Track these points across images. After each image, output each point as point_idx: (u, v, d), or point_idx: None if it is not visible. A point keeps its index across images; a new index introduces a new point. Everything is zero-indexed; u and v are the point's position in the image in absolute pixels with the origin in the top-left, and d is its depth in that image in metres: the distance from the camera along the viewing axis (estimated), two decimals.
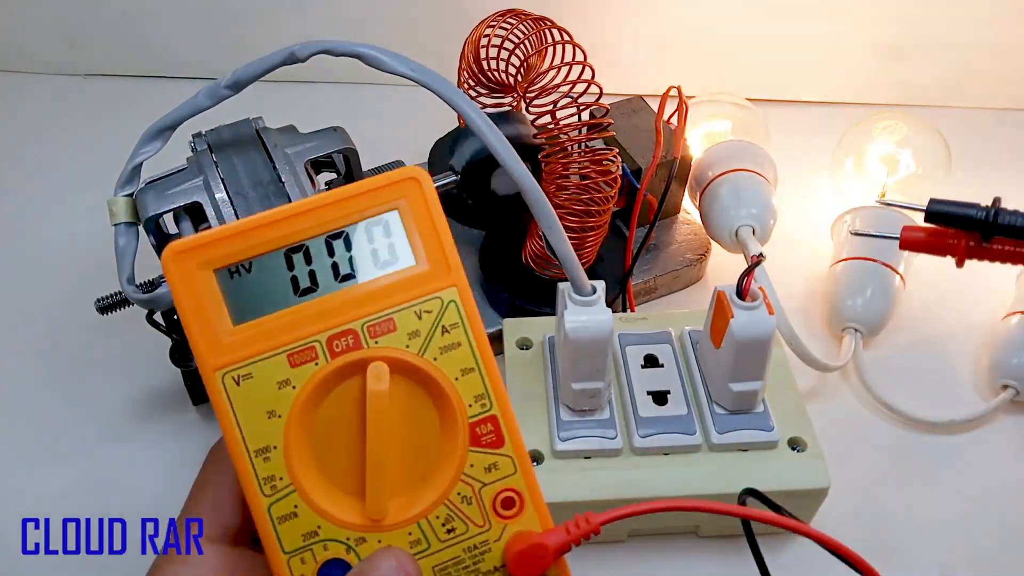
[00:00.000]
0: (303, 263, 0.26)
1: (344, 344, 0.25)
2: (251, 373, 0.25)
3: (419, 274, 0.26)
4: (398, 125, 0.61)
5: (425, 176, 0.26)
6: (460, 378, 0.26)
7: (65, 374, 0.50)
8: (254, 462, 0.25)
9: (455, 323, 0.26)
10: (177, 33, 0.68)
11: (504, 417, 0.26)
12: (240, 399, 0.25)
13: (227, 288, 0.25)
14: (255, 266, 0.25)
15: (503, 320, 0.47)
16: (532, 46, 0.45)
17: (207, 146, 0.39)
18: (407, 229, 0.26)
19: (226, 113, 0.39)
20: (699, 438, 0.40)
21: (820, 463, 0.40)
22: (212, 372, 0.25)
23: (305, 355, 0.25)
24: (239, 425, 0.25)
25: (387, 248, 0.26)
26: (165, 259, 0.25)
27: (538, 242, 0.48)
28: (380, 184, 0.26)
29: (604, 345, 0.38)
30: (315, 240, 0.26)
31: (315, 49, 0.36)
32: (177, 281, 0.25)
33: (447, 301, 0.26)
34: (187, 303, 0.25)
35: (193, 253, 0.25)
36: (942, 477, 0.45)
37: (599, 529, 0.26)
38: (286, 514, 0.25)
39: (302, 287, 0.26)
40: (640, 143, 0.53)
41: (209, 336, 0.25)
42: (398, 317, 0.26)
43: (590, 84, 0.43)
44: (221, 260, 0.25)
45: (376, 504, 0.25)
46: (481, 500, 0.26)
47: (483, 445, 0.26)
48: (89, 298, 0.42)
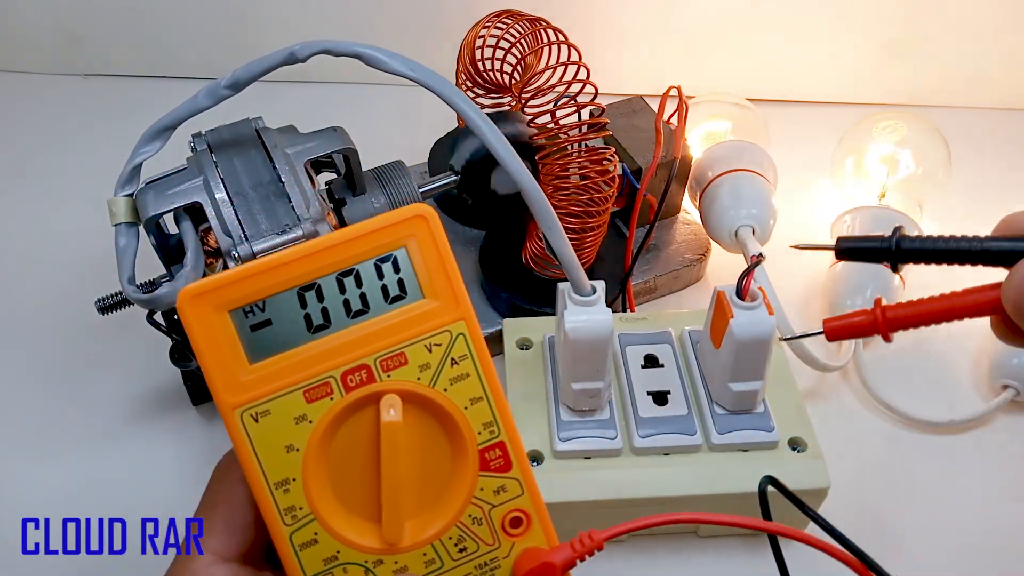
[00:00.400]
0: (316, 301, 0.26)
1: (358, 379, 0.26)
2: (269, 410, 0.26)
3: (428, 309, 0.27)
4: (398, 125, 0.61)
5: (432, 214, 0.27)
6: (469, 407, 0.27)
7: (65, 374, 0.50)
8: (274, 494, 0.26)
9: (464, 355, 0.27)
10: (177, 33, 0.68)
11: (511, 442, 0.28)
12: (259, 435, 0.26)
13: (242, 328, 0.26)
14: (269, 306, 0.26)
15: (503, 320, 0.47)
16: (528, 46, 0.45)
17: (207, 146, 0.39)
18: (415, 265, 0.27)
19: (226, 113, 0.39)
20: (699, 438, 0.40)
21: (820, 463, 0.40)
22: (231, 410, 0.26)
23: (321, 390, 0.26)
24: (259, 460, 0.26)
25: (397, 284, 0.27)
26: (181, 302, 0.25)
27: (538, 242, 0.48)
28: (389, 223, 0.26)
29: (604, 345, 0.38)
30: (327, 278, 0.26)
31: (315, 49, 0.36)
32: (193, 323, 0.25)
33: (456, 334, 0.27)
34: (204, 344, 0.25)
35: (208, 296, 0.25)
36: (942, 477, 0.45)
37: (603, 545, 0.27)
38: (307, 541, 0.26)
39: (315, 324, 0.26)
40: (640, 143, 0.53)
41: (226, 376, 0.26)
42: (409, 351, 0.27)
43: (585, 84, 0.43)
44: (236, 301, 0.26)
45: (392, 529, 0.27)
46: (491, 520, 0.28)
47: (492, 470, 0.28)
48: (89, 298, 0.42)
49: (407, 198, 0.44)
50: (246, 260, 0.37)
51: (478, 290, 0.51)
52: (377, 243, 0.26)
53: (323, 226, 0.38)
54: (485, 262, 0.51)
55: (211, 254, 0.38)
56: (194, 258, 0.37)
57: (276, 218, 0.37)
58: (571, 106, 0.43)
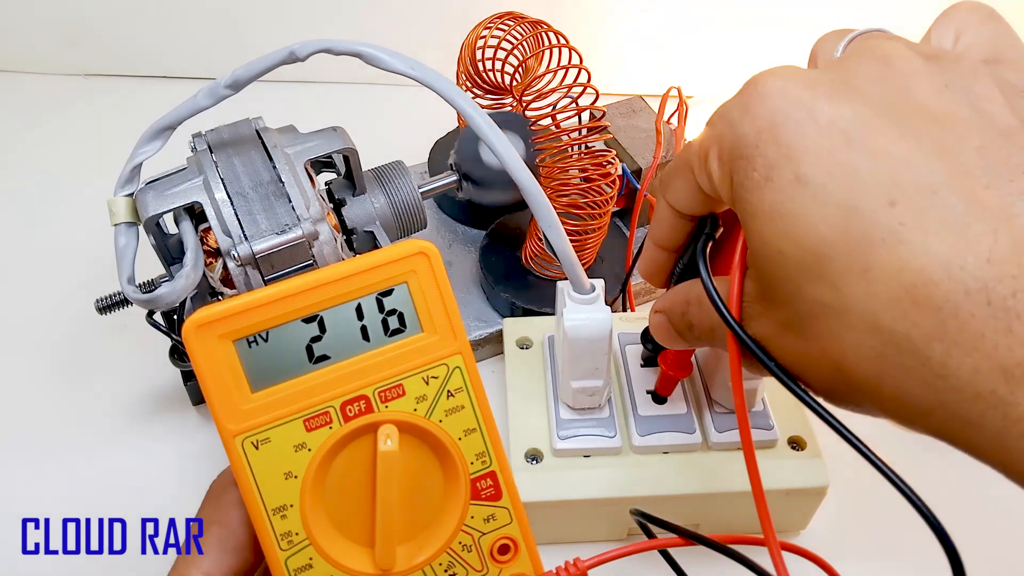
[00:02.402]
0: (318, 332, 0.27)
1: (357, 408, 0.27)
2: (269, 438, 0.26)
3: (427, 343, 0.27)
4: (398, 125, 0.61)
5: (433, 250, 0.27)
6: (463, 438, 0.28)
7: (65, 374, 0.50)
8: (272, 519, 0.27)
9: (459, 387, 0.28)
10: (177, 33, 0.68)
11: (502, 472, 0.28)
12: (259, 462, 0.26)
13: (246, 358, 0.26)
14: (272, 336, 0.26)
15: (503, 320, 0.47)
16: (529, 49, 0.45)
17: (207, 146, 0.39)
18: (415, 300, 0.27)
19: (226, 113, 0.39)
20: (698, 437, 0.40)
21: (820, 462, 0.40)
22: (232, 438, 0.26)
23: (320, 420, 0.27)
24: (257, 486, 0.26)
25: (397, 318, 0.27)
26: (186, 332, 0.26)
27: (538, 242, 0.48)
28: (392, 259, 0.27)
29: (603, 343, 0.38)
30: (329, 311, 0.27)
31: (315, 48, 0.36)
32: (198, 352, 0.26)
33: (452, 367, 0.28)
34: (208, 373, 0.26)
35: (213, 326, 0.26)
36: (942, 477, 0.45)
37: (587, 573, 0.28)
38: (302, 566, 0.27)
39: (317, 355, 0.27)
40: (640, 143, 0.53)
41: (228, 404, 0.26)
42: (407, 383, 0.27)
43: (586, 87, 0.43)
44: (240, 332, 0.26)
45: (386, 554, 0.27)
46: (480, 548, 0.29)
47: (483, 498, 0.28)
48: (89, 298, 0.42)
49: (407, 198, 0.44)
50: (246, 260, 0.37)
51: (478, 290, 0.51)
52: (380, 278, 0.27)
53: (323, 226, 0.38)
54: (485, 262, 0.51)
55: (211, 254, 0.38)
56: (194, 258, 0.37)
57: (276, 218, 0.37)
58: (572, 109, 0.43)
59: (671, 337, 0.31)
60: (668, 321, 0.31)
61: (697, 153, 0.26)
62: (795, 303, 0.23)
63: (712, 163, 0.25)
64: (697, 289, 0.28)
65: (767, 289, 0.24)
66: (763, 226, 0.23)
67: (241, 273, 0.37)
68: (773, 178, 0.22)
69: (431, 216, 0.55)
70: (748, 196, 0.23)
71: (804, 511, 0.41)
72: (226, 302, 0.26)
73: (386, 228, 0.44)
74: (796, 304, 0.23)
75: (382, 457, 0.27)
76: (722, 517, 0.41)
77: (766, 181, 0.22)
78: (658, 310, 0.31)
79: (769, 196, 0.22)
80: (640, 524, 0.32)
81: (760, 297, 0.25)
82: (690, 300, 0.29)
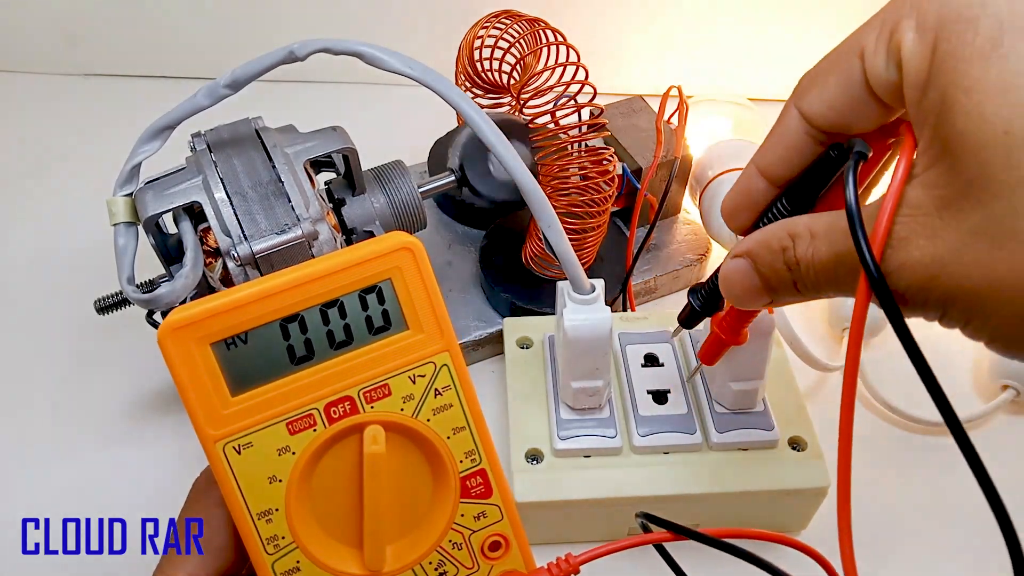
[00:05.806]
0: (299, 332, 0.26)
1: (341, 410, 0.26)
2: (251, 442, 0.26)
3: (413, 340, 0.27)
4: (398, 125, 0.61)
5: (418, 245, 0.26)
6: (452, 436, 0.27)
7: (65, 374, 0.50)
8: (257, 524, 0.26)
9: (447, 385, 0.27)
10: (177, 33, 0.68)
11: (492, 469, 0.28)
12: (241, 467, 0.26)
13: (224, 360, 0.25)
14: (251, 338, 0.26)
15: (503, 320, 0.47)
16: (527, 47, 0.45)
17: (206, 146, 0.39)
18: (400, 296, 0.27)
19: (226, 113, 0.39)
20: (699, 437, 0.40)
21: (820, 463, 0.40)
22: (212, 443, 0.26)
23: (304, 422, 0.26)
24: (241, 491, 0.26)
25: (381, 315, 0.27)
26: (161, 336, 0.25)
27: (538, 242, 0.48)
28: (374, 254, 0.26)
29: (603, 343, 0.38)
30: (310, 310, 0.26)
31: (314, 48, 0.36)
32: (174, 356, 0.25)
33: (440, 365, 0.27)
34: (185, 377, 0.25)
35: (189, 329, 0.25)
36: (942, 477, 0.45)
37: (579, 569, 0.28)
38: (289, 569, 0.27)
39: (298, 356, 0.26)
40: (640, 143, 0.53)
41: (208, 409, 0.25)
42: (393, 382, 0.27)
43: (584, 84, 0.43)
44: (217, 334, 0.25)
45: (374, 556, 0.27)
46: (470, 545, 0.28)
47: (473, 496, 0.28)
48: (89, 298, 0.42)
49: (407, 198, 0.44)
50: (246, 260, 0.37)
51: (478, 290, 0.51)
52: (362, 275, 0.26)
53: (322, 226, 0.38)
54: (485, 262, 0.51)
55: (210, 254, 0.38)
56: (193, 258, 0.37)
57: (275, 218, 0.37)
58: (570, 106, 0.43)
59: (750, 288, 0.27)
60: (754, 266, 0.26)
61: (878, 28, 0.22)
62: (1013, 195, 0.19)
63: (905, 33, 0.22)
64: (805, 221, 0.25)
65: (969, 186, 0.20)
66: (985, 101, 0.20)
67: (241, 273, 0.37)
68: (1005, 44, 0.20)
69: (431, 216, 0.54)
70: (966, 67, 0.20)
71: (804, 511, 0.41)
72: (202, 302, 0.25)
73: (386, 228, 0.43)
74: (1013, 196, 0.19)
75: (368, 459, 0.26)
76: (723, 517, 0.41)
77: (993, 48, 0.20)
78: (739, 254, 0.27)
79: (998, 65, 0.19)
80: (643, 527, 0.32)
81: (945, 204, 0.21)
82: (797, 233, 0.25)
